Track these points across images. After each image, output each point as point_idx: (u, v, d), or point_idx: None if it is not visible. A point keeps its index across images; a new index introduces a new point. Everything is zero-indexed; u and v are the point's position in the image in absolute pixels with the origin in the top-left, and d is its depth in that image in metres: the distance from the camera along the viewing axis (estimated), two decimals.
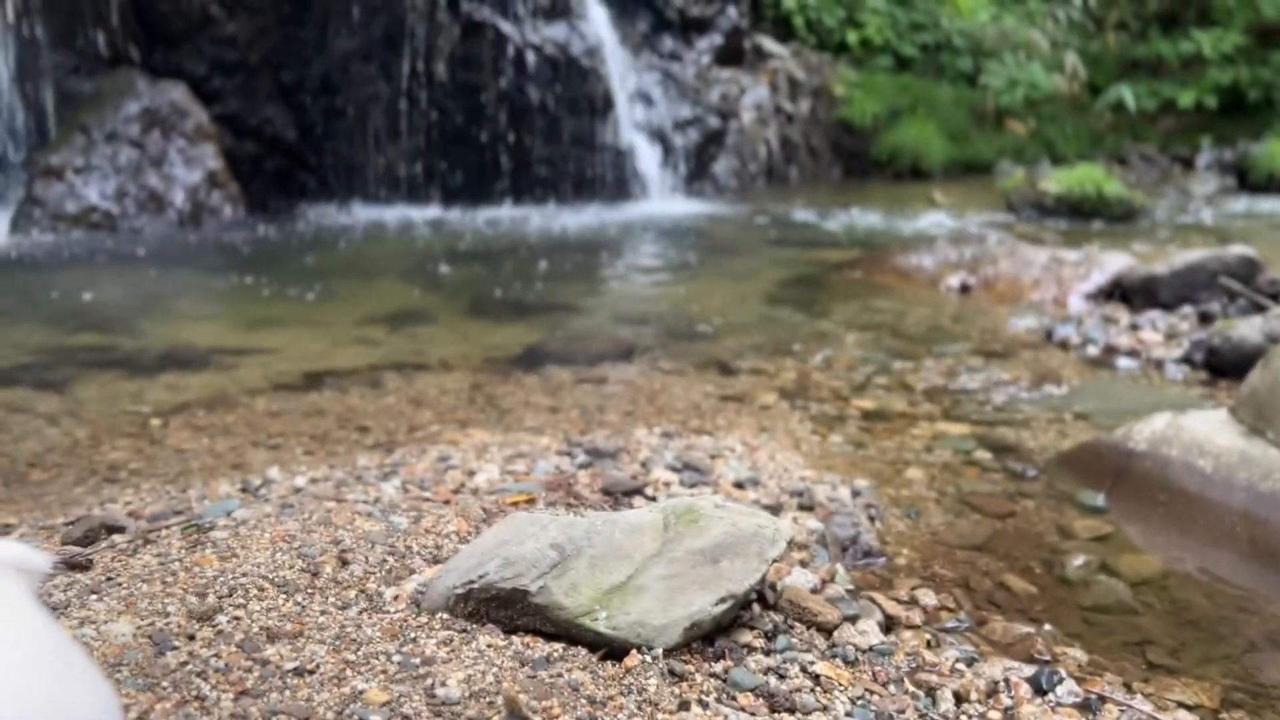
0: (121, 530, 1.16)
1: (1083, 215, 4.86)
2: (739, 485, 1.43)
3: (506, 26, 4.76)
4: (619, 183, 5.33)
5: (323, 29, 4.48)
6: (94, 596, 0.94)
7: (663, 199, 5.49)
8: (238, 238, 3.95)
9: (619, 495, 1.33)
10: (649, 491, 1.36)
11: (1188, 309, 2.70)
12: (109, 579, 0.98)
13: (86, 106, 4.02)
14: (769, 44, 7.72)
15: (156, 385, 2.02)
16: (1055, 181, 5.08)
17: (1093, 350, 2.42)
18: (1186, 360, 2.30)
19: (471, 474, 1.40)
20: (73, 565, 1.00)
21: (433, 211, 4.82)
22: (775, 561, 1.00)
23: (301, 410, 1.86)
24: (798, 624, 1.01)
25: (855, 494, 1.47)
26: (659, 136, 5.65)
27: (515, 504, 1.27)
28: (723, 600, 0.90)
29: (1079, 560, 1.31)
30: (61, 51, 4.23)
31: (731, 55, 6.75)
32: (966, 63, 8.50)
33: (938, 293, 3.13)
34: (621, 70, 5.47)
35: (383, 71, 4.60)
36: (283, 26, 4.47)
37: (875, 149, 7.61)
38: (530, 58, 4.85)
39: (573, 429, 1.73)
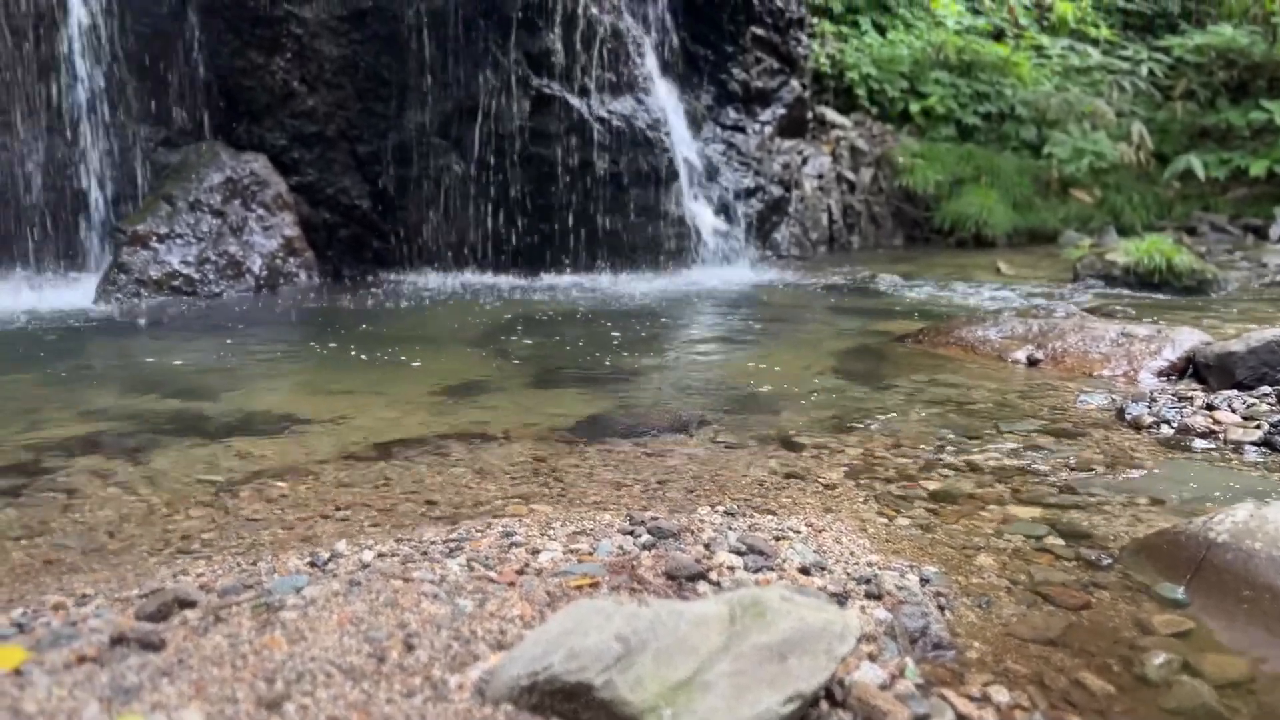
0: (193, 605, 1.18)
1: (1152, 287, 4.77)
2: (804, 571, 1.41)
3: (574, 100, 4.87)
4: (682, 251, 5.38)
5: (399, 103, 4.63)
6: (165, 679, 0.96)
7: (725, 267, 5.52)
8: (311, 304, 4.06)
9: (683, 580, 1.32)
10: (713, 576, 1.35)
11: (1266, 388, 2.62)
12: (180, 660, 1.00)
13: (173, 177, 4.20)
14: (831, 114, 7.78)
15: (229, 452, 2.07)
16: (1123, 252, 5.01)
17: (1166, 430, 2.36)
18: (1266, 443, 2.23)
19: (536, 553, 1.40)
20: (146, 645, 1.02)
21: (499, 278, 4.91)
22: (844, 659, 0.98)
23: (370, 481, 1.88)
24: None
25: (924, 581, 1.44)
26: (722, 205, 5.71)
27: (579, 588, 1.26)
28: (791, 700, 0.89)
29: (1159, 658, 1.26)
30: (151, 125, 4.43)
31: (794, 126, 6.82)
32: (1030, 132, 8.48)
33: (1004, 367, 3.09)
34: (685, 141, 5.56)
35: (454, 144, 4.73)
36: (360, 101, 4.63)
37: (938, 217, 7.59)
38: (597, 130, 4.95)
39: (635, 505, 1.73)
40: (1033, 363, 3.09)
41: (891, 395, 2.69)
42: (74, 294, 3.95)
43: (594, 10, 4.90)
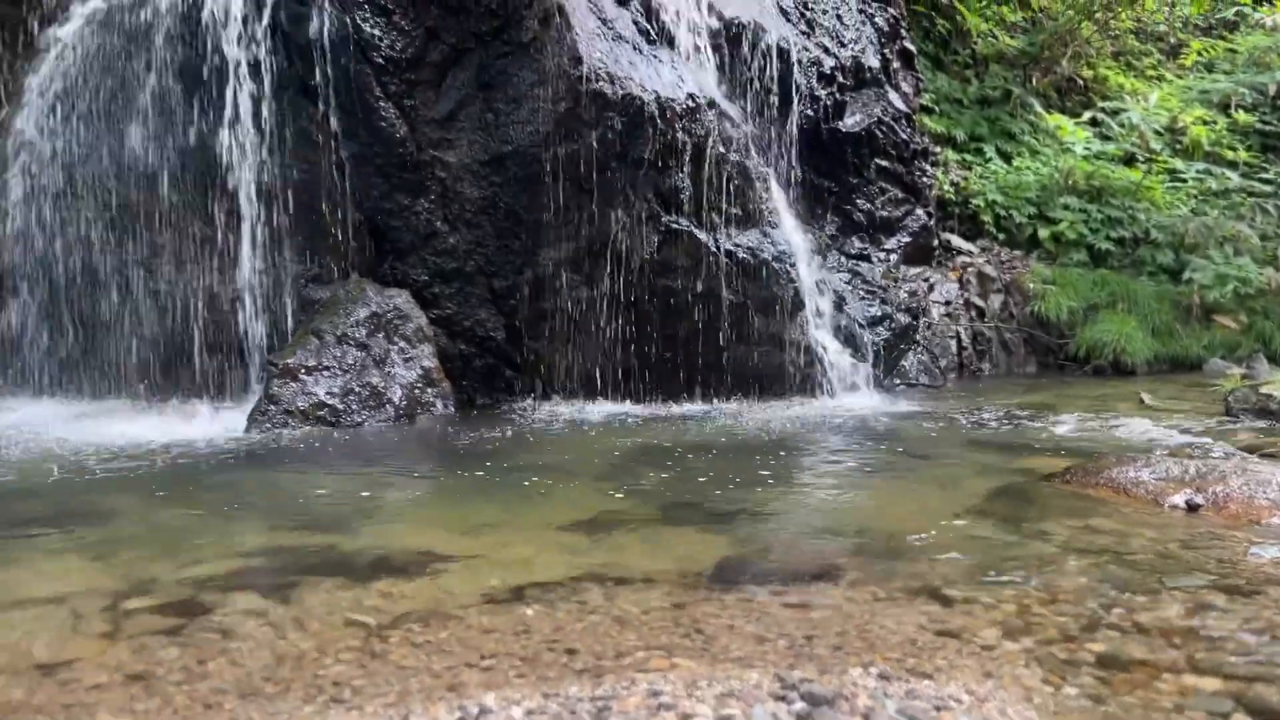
0: None
1: None
2: None
3: (702, 235, 4.98)
4: (808, 380, 5.35)
5: (534, 240, 4.82)
6: None
7: (852, 396, 5.45)
8: (447, 434, 4.17)
9: None
10: None
11: None
12: None
13: (322, 312, 4.44)
14: (957, 241, 7.74)
15: (374, 592, 2.10)
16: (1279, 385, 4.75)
17: None
18: None
19: (687, 718, 1.36)
20: None
21: (627, 408, 4.96)
22: None
23: (510, 627, 1.88)
24: None
25: None
26: (848, 334, 5.68)
27: None
28: None
29: None
30: (304, 263, 4.72)
31: (920, 253, 6.79)
32: (1167, 257, 8.23)
33: (1161, 512, 2.92)
34: (811, 271, 5.59)
35: (586, 277, 4.87)
36: (498, 238, 4.84)
37: (1073, 344, 7.38)
38: (723, 262, 5.03)
39: (781, 662, 1.68)
40: (1192, 508, 2.91)
41: (1042, 542, 2.56)
42: (226, 424, 4.16)
43: (721, 149, 5.04)
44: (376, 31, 4.67)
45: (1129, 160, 9.06)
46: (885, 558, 2.40)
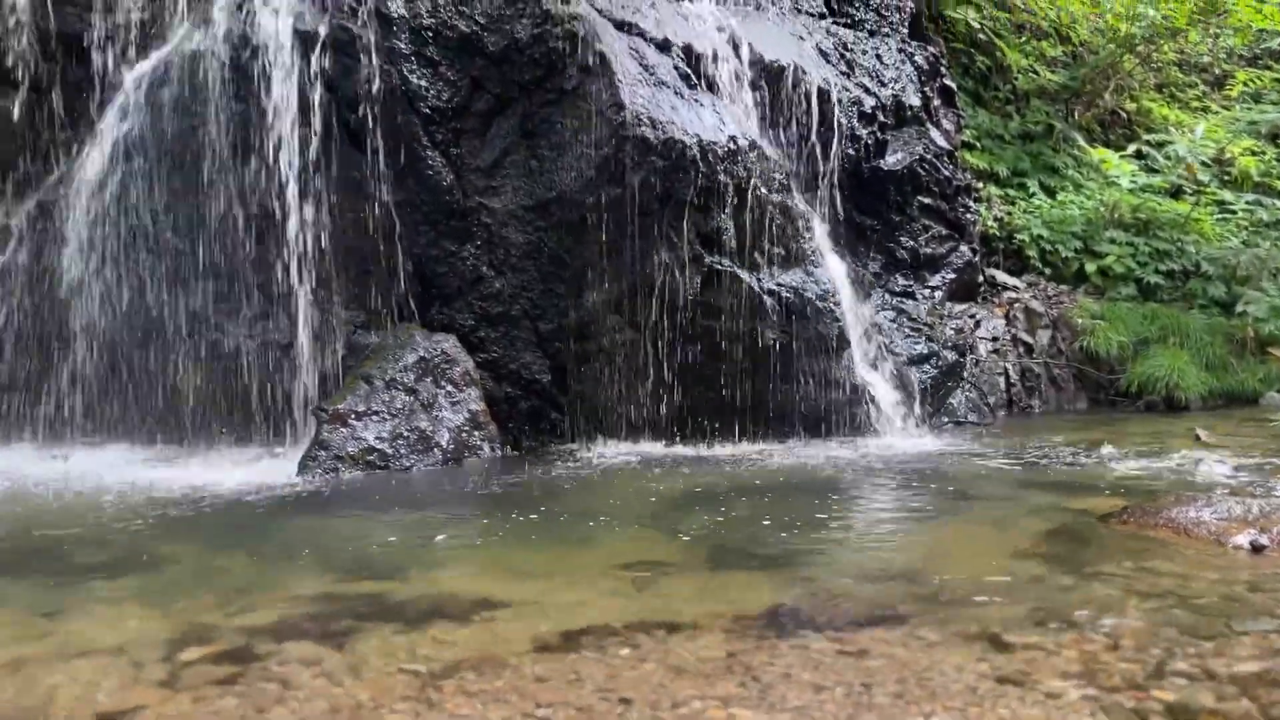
0: None
1: None
2: None
3: (745, 275, 4.99)
4: (854, 420, 5.30)
5: (578, 283, 4.86)
6: None
7: (900, 435, 5.40)
8: (494, 477, 4.19)
9: None
10: None
11: None
12: None
13: (371, 357, 4.50)
14: (1003, 277, 7.67)
15: (427, 639, 2.11)
16: None
17: None
18: None
19: None
20: None
21: (672, 449, 4.95)
22: None
23: (564, 675, 1.87)
24: None
25: None
26: (895, 372, 5.63)
27: None
28: None
29: None
30: (353, 310, 4.80)
31: (965, 290, 6.74)
32: (1219, 289, 8.09)
33: (1224, 552, 2.85)
34: (855, 310, 5.57)
35: (629, 319, 4.89)
36: (543, 282, 4.88)
37: (1124, 379, 7.25)
38: (767, 301, 5.03)
39: (840, 712, 1.66)
40: (1257, 549, 2.83)
41: (1101, 585, 2.51)
42: (277, 469, 4.21)
43: (763, 190, 5.06)
44: (423, 82, 4.77)
45: (1176, 193, 8.95)
46: (941, 602, 2.37)
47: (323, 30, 4.73)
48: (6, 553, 2.98)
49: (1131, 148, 9.07)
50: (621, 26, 5.05)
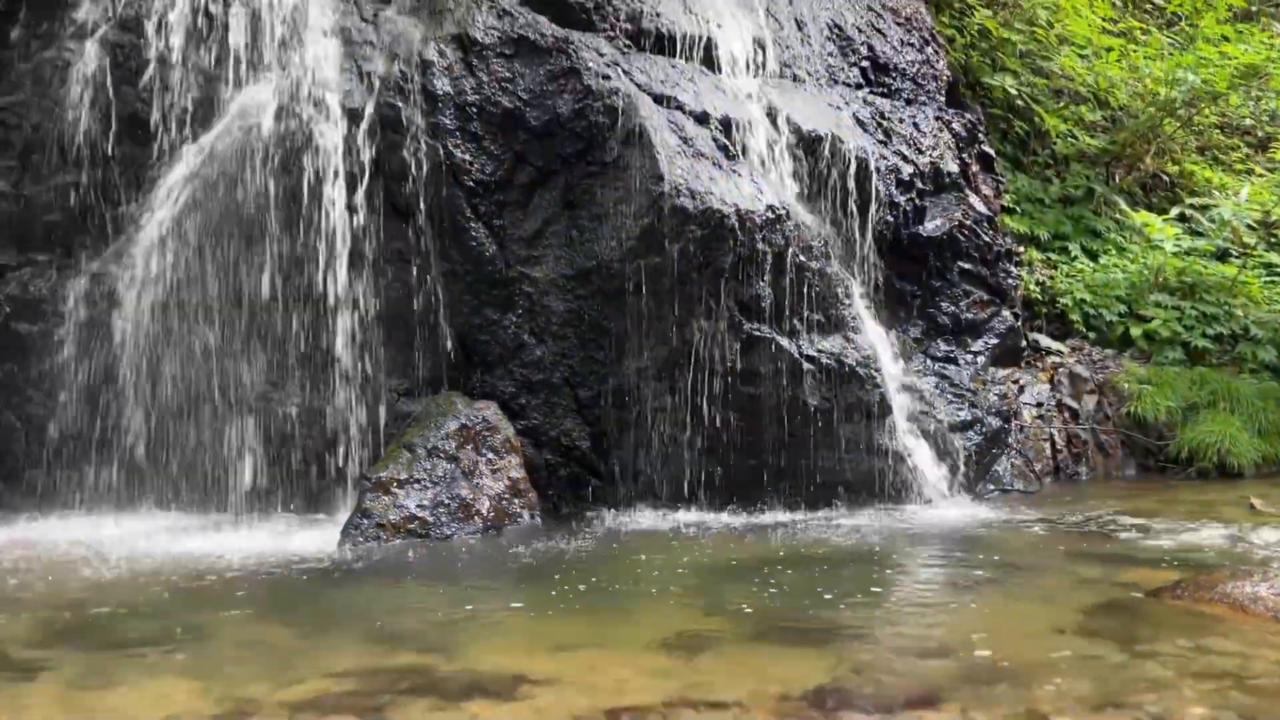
0: None
1: None
2: None
3: (784, 341, 4.99)
4: (896, 487, 5.24)
5: (618, 350, 4.89)
6: None
7: (943, 504, 5.31)
8: (534, 545, 4.18)
9: None
10: None
11: None
12: None
13: (414, 425, 4.54)
14: (1046, 341, 7.59)
15: (466, 716, 2.09)
16: None
17: None
18: None
19: None
20: None
21: (712, 516, 4.91)
22: None
23: None
24: None
25: None
26: (938, 439, 5.57)
27: None
28: None
29: None
30: (396, 378, 4.86)
31: (1008, 355, 6.67)
32: (1269, 354, 7.94)
33: None
34: (896, 376, 5.53)
35: (669, 386, 4.91)
36: (583, 349, 4.92)
37: (1173, 446, 7.10)
38: (807, 368, 5.02)
39: None
40: None
41: (1155, 665, 2.44)
42: (320, 537, 4.24)
43: (801, 258, 5.08)
44: (467, 157, 4.88)
45: (1222, 256, 8.84)
46: (989, 681, 2.31)
47: (370, 108, 4.87)
48: (52, 623, 3.02)
49: (1174, 211, 8.99)
50: (661, 100, 5.14)
